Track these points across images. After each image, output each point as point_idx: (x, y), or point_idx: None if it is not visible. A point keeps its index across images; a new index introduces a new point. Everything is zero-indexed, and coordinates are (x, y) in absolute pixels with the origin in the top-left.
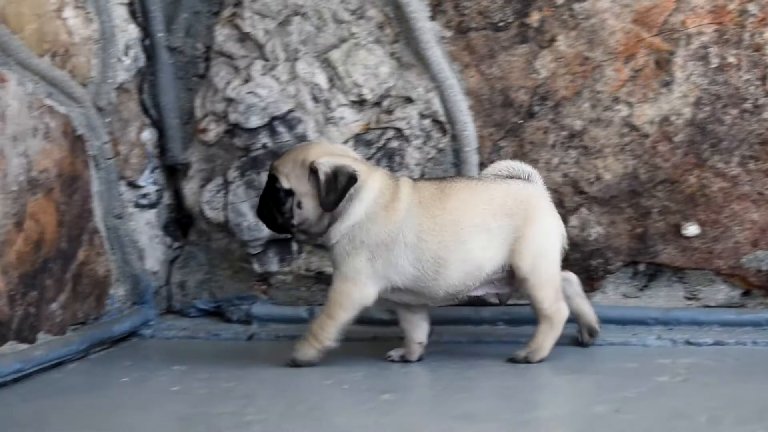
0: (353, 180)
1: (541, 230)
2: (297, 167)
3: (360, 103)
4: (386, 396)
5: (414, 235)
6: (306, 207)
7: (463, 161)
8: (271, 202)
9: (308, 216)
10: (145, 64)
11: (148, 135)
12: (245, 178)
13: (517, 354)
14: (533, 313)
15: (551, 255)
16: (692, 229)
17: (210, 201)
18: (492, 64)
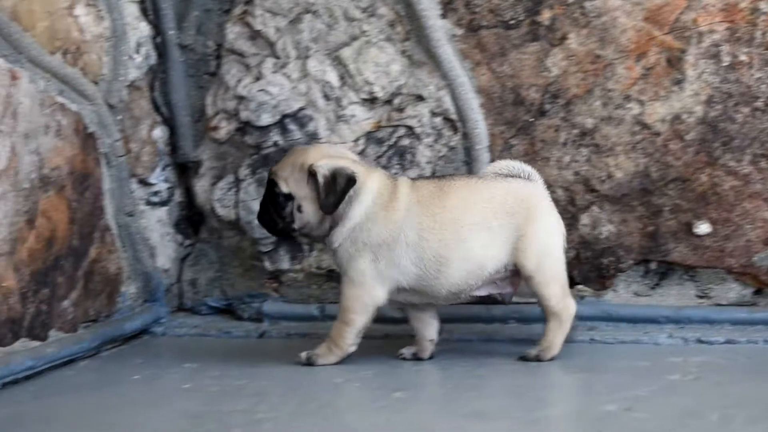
0: (352, 182)
1: (544, 228)
2: (296, 171)
3: (371, 101)
4: (397, 394)
5: (415, 234)
6: (306, 210)
7: (474, 159)
8: (272, 207)
9: (309, 219)
10: (157, 62)
11: (160, 133)
12: (256, 176)
13: (529, 352)
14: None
15: (555, 252)
16: (704, 228)
17: (221, 199)
18: (503, 62)
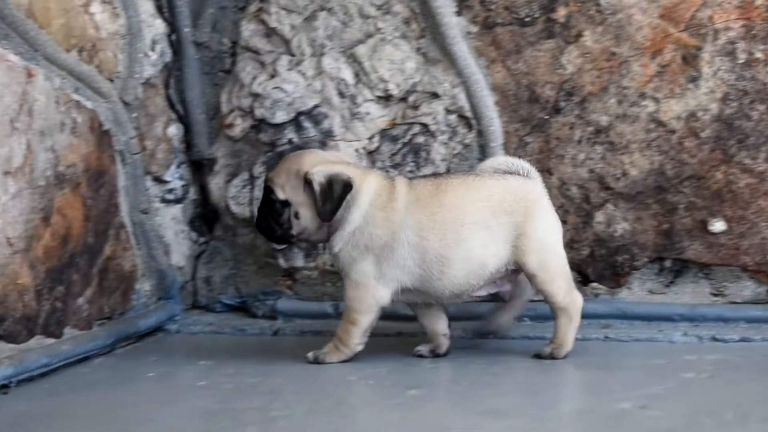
0: (349, 187)
1: (543, 226)
2: (291, 178)
3: (386, 99)
4: (412, 392)
5: (415, 234)
6: (304, 217)
7: (489, 157)
8: (269, 214)
9: (307, 226)
10: (172, 59)
11: (174, 130)
12: None
13: (543, 350)
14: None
15: (556, 248)
16: (718, 225)
17: (236, 196)
18: (518, 60)
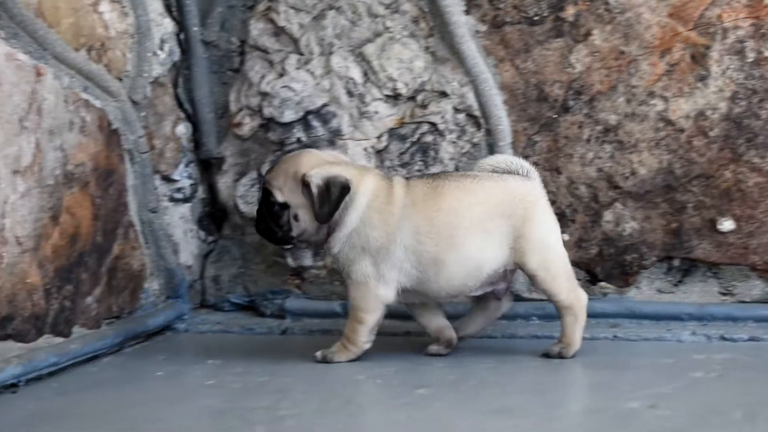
0: (346, 190)
1: (542, 227)
2: (289, 180)
3: (394, 98)
4: (420, 391)
5: (411, 238)
6: (303, 218)
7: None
8: (268, 216)
9: (306, 227)
10: (180, 58)
11: (183, 129)
12: None
13: (551, 349)
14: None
15: (556, 247)
16: (727, 225)
17: (244, 195)
18: (527, 59)
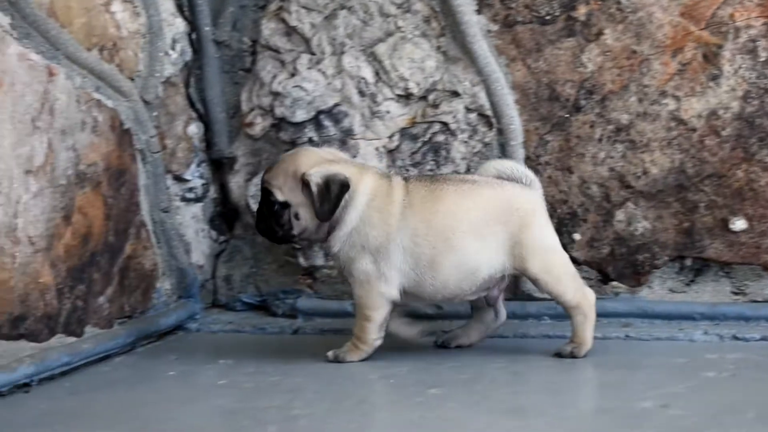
0: (346, 188)
1: (539, 232)
2: (289, 179)
3: (406, 97)
4: (432, 390)
5: (409, 239)
6: (304, 217)
7: (510, 155)
8: (269, 216)
9: (307, 225)
10: (192, 58)
11: (195, 129)
12: None
13: (563, 349)
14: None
15: (556, 249)
16: (739, 224)
17: (256, 195)
18: (539, 58)
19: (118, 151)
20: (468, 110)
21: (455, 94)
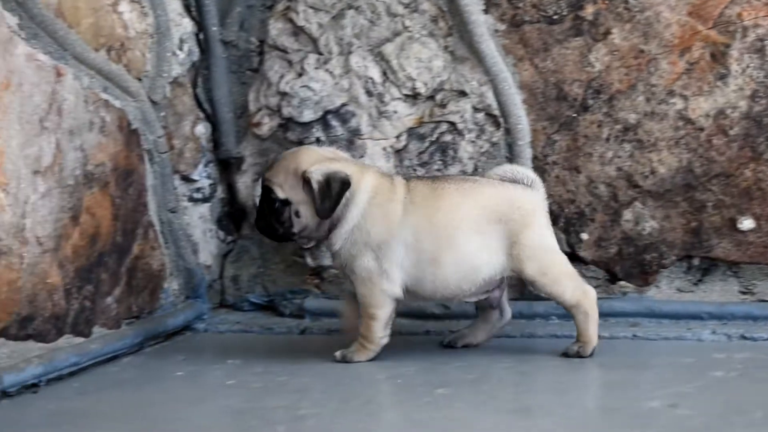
0: (347, 185)
1: (538, 233)
2: (290, 177)
3: (413, 97)
4: (440, 390)
5: (411, 235)
6: (304, 215)
7: (517, 155)
8: (269, 213)
9: (308, 223)
10: (199, 58)
11: (202, 129)
12: None
13: (570, 348)
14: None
15: (553, 250)
16: (747, 223)
17: None
18: (546, 58)
19: (126, 152)
20: (475, 110)
21: (463, 94)
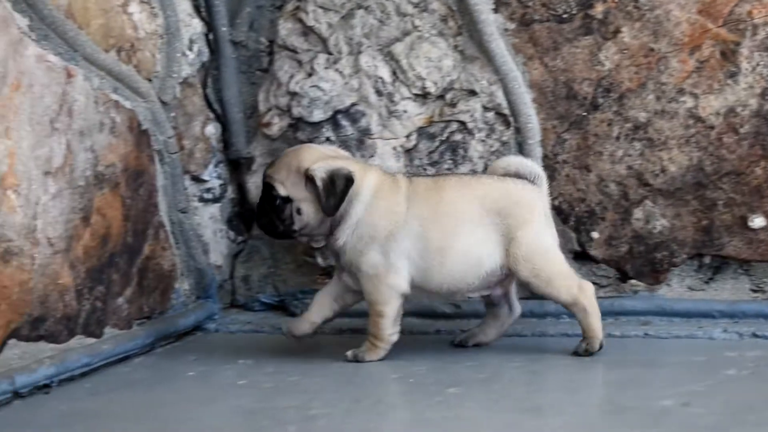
0: (350, 182)
1: (534, 230)
2: (292, 174)
3: (423, 96)
4: (452, 390)
5: (418, 225)
6: (306, 212)
7: (527, 154)
8: (270, 211)
9: (309, 221)
10: (209, 59)
11: (212, 129)
12: None
13: (579, 347)
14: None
15: (548, 250)
16: (758, 221)
17: None
18: (556, 56)
19: (136, 152)
20: (485, 109)
21: (472, 93)
